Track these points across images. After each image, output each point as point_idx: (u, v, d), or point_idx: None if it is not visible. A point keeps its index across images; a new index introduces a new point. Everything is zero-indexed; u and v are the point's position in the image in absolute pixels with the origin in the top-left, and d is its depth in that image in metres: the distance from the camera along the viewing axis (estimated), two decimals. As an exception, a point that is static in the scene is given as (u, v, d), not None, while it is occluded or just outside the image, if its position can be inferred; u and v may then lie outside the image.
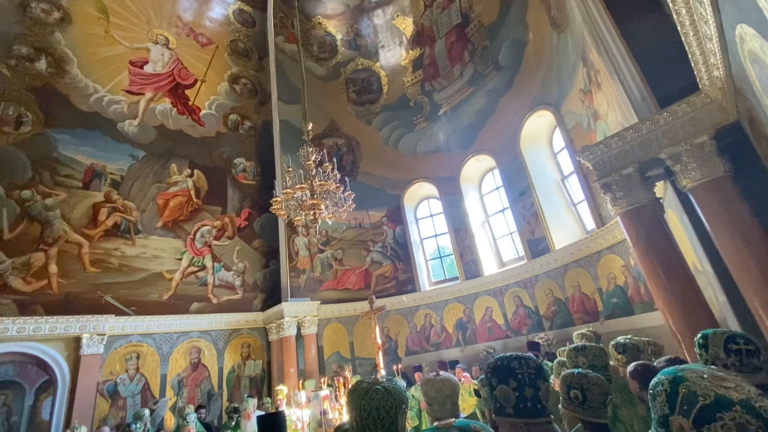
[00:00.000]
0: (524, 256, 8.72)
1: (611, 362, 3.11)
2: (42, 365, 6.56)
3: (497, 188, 10.03)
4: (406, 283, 10.27)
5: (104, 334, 6.68)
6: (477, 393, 4.40)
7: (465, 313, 9.41)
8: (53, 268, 6.86)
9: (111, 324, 6.84)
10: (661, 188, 4.34)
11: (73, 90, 8.34)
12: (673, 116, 3.63)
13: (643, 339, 4.02)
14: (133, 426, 4.51)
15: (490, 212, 10.24)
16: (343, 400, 4.18)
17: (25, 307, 6.44)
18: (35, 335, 6.25)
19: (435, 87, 11.01)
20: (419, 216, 11.48)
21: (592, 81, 5.96)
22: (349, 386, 4.13)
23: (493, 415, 1.48)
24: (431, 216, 11.33)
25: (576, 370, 1.97)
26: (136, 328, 7.24)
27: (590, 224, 7.48)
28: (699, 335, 1.81)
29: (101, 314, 6.82)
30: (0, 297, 6.33)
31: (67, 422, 5.97)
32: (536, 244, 8.38)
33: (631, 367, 2.29)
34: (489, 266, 9.61)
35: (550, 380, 2.33)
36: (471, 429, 0.87)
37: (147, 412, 5.36)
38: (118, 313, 7.13)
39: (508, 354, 1.51)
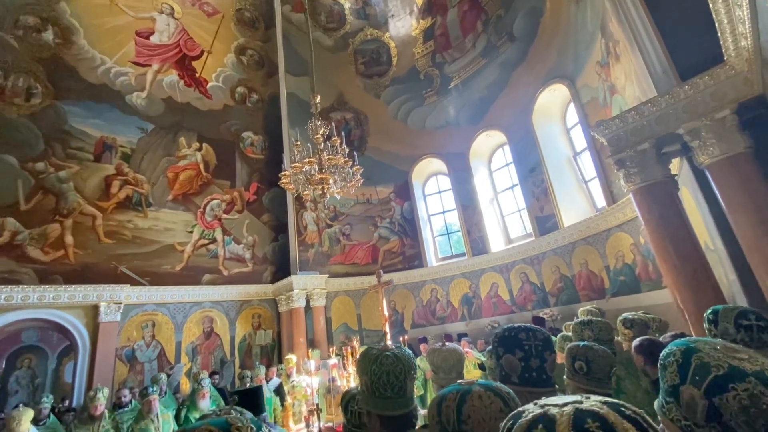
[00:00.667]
0: (532, 233, 8.70)
1: (617, 337, 3.16)
2: (63, 331, 6.85)
3: (507, 164, 9.90)
4: (413, 258, 10.36)
5: (120, 303, 6.92)
6: (481, 366, 4.51)
7: (471, 288, 9.52)
8: (69, 239, 7.04)
9: (127, 293, 7.06)
10: (676, 165, 4.24)
11: (81, 61, 8.28)
12: (694, 89, 3.49)
13: (649, 315, 4.06)
14: (151, 389, 4.73)
15: (499, 189, 10.15)
16: (351, 368, 4.32)
17: (45, 276, 6.66)
18: (55, 303, 6.50)
19: (446, 59, 10.69)
20: (427, 192, 11.43)
21: (610, 53, 5.73)
22: (358, 354, 4.26)
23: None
24: (439, 192, 11.27)
25: (582, 343, 2.00)
26: (151, 298, 7.48)
27: (601, 202, 7.39)
28: (709, 311, 1.81)
29: (117, 284, 7.04)
30: (20, 266, 6.54)
31: (89, 385, 6.29)
32: (545, 221, 8.33)
33: (636, 341, 2.32)
34: (496, 243, 9.62)
35: (556, 353, 2.36)
36: (494, 387, 0.93)
37: (164, 376, 5.60)
38: (133, 283, 7.35)
39: (516, 325, 1.53)
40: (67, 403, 6.63)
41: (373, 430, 1.34)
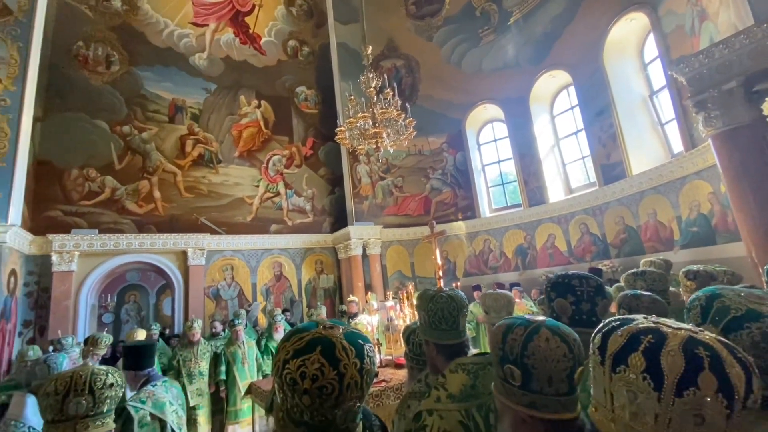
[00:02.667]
0: (596, 182, 8.22)
1: (678, 288, 3.09)
2: (160, 272, 8.05)
3: (571, 108, 9.17)
4: (466, 209, 10.34)
5: (204, 249, 7.90)
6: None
7: (526, 239, 9.41)
8: (157, 193, 8.01)
9: (208, 241, 8.02)
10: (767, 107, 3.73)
11: (147, 26, 8.79)
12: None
13: (719, 268, 3.85)
14: (237, 321, 5.59)
15: (561, 135, 9.53)
16: (407, 310, 4.71)
17: (141, 226, 7.74)
18: (152, 249, 7.59)
19: (505, -9, 9.74)
20: (482, 141, 11.05)
21: (704, -31, 4.90)
22: (413, 297, 4.61)
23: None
24: (495, 141, 10.84)
25: (631, 292, 2.04)
26: (228, 245, 8.42)
27: (678, 147, 6.72)
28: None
29: (199, 233, 8.00)
30: (121, 218, 7.65)
31: (185, 316, 7.47)
32: (610, 169, 7.80)
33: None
34: (555, 193, 9.24)
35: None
36: (561, 332, 0.97)
37: (243, 312, 6.51)
38: (212, 232, 8.29)
39: (570, 272, 1.62)
40: (168, 331, 7.94)
41: (431, 356, 1.59)
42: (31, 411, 2.14)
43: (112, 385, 1.30)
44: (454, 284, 6.65)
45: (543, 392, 0.91)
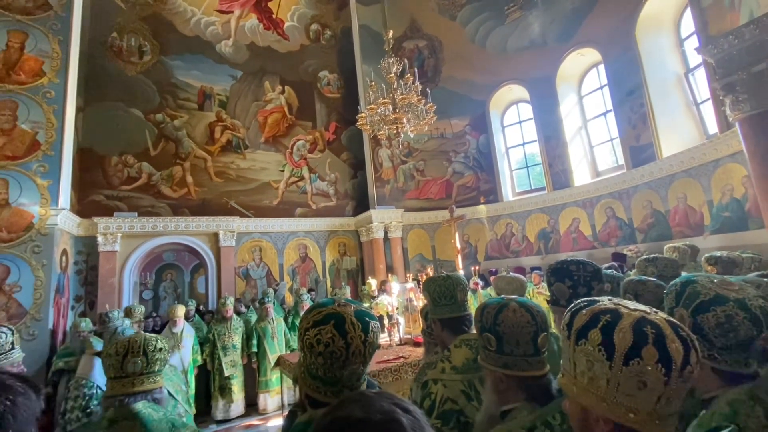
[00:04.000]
0: (624, 164, 8.00)
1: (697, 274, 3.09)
2: (194, 253, 8.54)
3: (600, 88, 8.86)
4: (488, 193, 10.29)
5: (234, 232, 8.31)
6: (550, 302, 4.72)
7: (549, 223, 9.32)
8: (189, 178, 8.43)
9: (237, 224, 8.41)
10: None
11: (175, 15, 9.05)
12: None
13: (746, 255, 3.79)
14: (267, 299, 5.99)
15: (589, 116, 9.24)
16: (426, 292, 4.90)
17: (176, 209, 8.21)
18: (186, 230, 8.05)
19: (533, -35, 9.34)
20: (506, 123, 10.86)
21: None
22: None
23: (549, 305, 1.80)
24: (519, 123, 10.63)
25: (636, 277, 2.11)
26: (256, 228, 8.81)
27: (713, 128, 6.43)
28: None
29: (229, 216, 8.40)
30: (158, 202, 8.13)
31: (218, 294, 7.96)
32: (640, 151, 7.56)
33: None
34: (581, 176, 9.06)
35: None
36: (527, 304, 1.19)
37: (271, 291, 6.87)
38: (241, 215, 8.68)
39: (569, 258, 1.74)
40: (202, 307, 8.48)
41: (437, 332, 1.77)
42: (98, 372, 2.47)
43: (161, 349, 1.56)
44: (473, 268, 6.76)
45: (513, 354, 1.14)
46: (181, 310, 5.46)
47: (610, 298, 0.81)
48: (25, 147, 6.21)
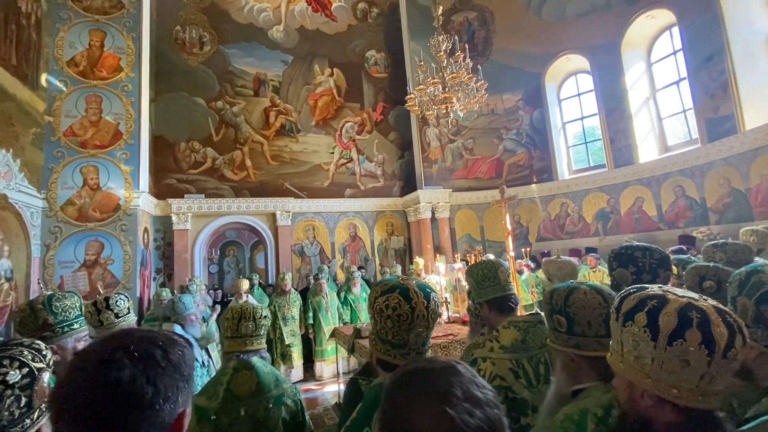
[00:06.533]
0: (698, 138, 7.29)
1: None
2: (254, 231, 9.19)
3: (673, 53, 8.03)
4: (542, 171, 9.87)
5: (289, 212, 8.82)
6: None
7: (609, 203, 8.79)
8: (248, 162, 9.00)
9: (292, 204, 8.90)
10: None
11: (231, 5, 9.44)
12: None
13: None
14: (321, 275, 6.39)
15: (658, 86, 8.43)
16: (474, 273, 4.95)
17: (237, 191, 8.84)
18: (246, 211, 8.67)
19: None
20: (563, 96, 10.22)
21: None
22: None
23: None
24: (578, 95, 9.96)
25: (712, 263, 2.03)
26: (309, 208, 9.26)
27: (812, 94, 5.63)
28: None
29: (285, 197, 8.91)
30: (221, 184, 8.79)
31: (277, 270, 8.56)
32: (718, 123, 6.83)
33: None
34: (647, 152, 8.39)
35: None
36: (598, 287, 1.21)
37: (326, 267, 7.27)
38: (295, 196, 9.15)
39: (635, 244, 1.73)
40: (262, 282, 9.18)
41: (485, 314, 1.87)
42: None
43: (265, 316, 1.88)
44: (524, 249, 6.63)
45: (585, 335, 1.17)
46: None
47: (660, 285, 0.86)
48: (110, 136, 6.98)
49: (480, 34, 10.53)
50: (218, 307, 4.97)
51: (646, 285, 0.87)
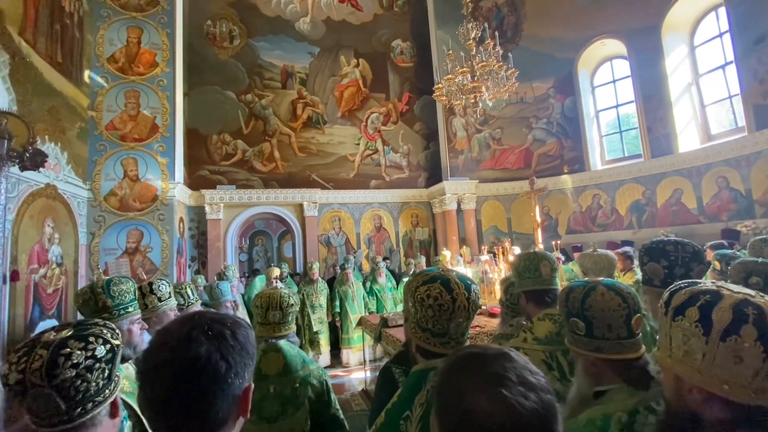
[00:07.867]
0: (744, 126, 6.85)
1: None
2: (282, 221, 9.42)
3: (720, 35, 7.53)
4: (573, 161, 9.56)
5: (316, 203, 8.97)
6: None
7: (644, 195, 8.43)
8: (276, 154, 9.19)
9: (319, 195, 9.05)
10: None
11: (258, -2, 9.57)
12: None
13: None
14: (347, 265, 6.50)
15: (702, 71, 7.95)
16: (502, 264, 4.89)
17: (266, 182, 9.06)
18: (275, 201, 8.88)
19: None
20: (596, 83, 9.81)
21: None
22: (509, 253, 4.74)
23: (642, 285, 1.76)
24: (613, 82, 9.53)
25: (760, 259, 1.94)
26: (335, 199, 9.39)
27: None
28: None
29: (312, 188, 9.06)
30: (251, 175, 9.03)
31: (304, 259, 8.76)
32: (767, 110, 6.39)
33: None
34: (687, 141, 7.97)
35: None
36: (616, 286, 1.15)
37: (352, 257, 7.39)
38: (322, 187, 9.29)
39: (666, 238, 1.68)
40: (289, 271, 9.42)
41: (522, 305, 1.87)
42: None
43: (292, 304, 1.94)
44: (554, 242, 6.48)
45: (606, 338, 1.13)
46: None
47: (713, 281, 0.84)
48: (147, 130, 7.28)
49: (510, 20, 10.22)
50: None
51: (696, 281, 0.86)
